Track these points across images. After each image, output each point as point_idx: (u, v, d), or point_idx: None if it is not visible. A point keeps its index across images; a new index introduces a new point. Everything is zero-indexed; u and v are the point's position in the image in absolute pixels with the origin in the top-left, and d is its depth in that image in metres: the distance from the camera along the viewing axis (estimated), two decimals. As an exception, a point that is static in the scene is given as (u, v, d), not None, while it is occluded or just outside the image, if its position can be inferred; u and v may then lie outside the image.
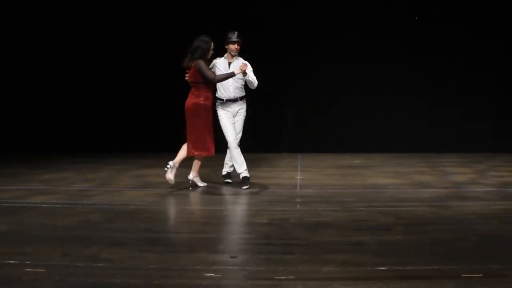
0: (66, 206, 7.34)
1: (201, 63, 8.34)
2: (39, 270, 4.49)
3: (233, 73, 8.45)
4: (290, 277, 4.31)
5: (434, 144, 13.88)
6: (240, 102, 8.90)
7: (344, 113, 14.04)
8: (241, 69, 8.38)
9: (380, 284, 4.11)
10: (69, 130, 14.47)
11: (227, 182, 9.20)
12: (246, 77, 8.59)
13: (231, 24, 13.14)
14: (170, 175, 8.47)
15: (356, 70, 13.90)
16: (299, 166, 11.42)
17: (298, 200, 7.67)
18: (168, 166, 8.49)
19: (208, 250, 5.09)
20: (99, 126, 14.45)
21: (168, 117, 14.23)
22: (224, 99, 8.82)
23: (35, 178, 9.96)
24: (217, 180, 9.38)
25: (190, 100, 8.48)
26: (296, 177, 9.93)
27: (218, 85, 8.76)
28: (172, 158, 8.42)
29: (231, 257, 4.89)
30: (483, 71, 13.85)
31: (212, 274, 4.36)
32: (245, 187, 8.59)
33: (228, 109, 8.83)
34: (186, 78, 8.53)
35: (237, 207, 7.27)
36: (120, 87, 14.43)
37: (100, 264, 4.66)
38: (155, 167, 11.22)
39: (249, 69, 8.63)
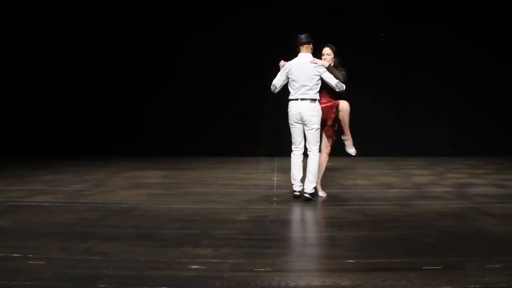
0: (64, 204, 7.29)
1: None
2: (40, 262, 4.46)
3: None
4: (268, 269, 4.30)
5: (399, 148, 13.97)
6: None
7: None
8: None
9: (350, 275, 4.12)
10: (68, 135, 14.40)
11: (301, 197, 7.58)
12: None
13: (231, 26, 13.25)
14: (321, 193, 7.77)
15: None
16: (275, 169, 11.41)
17: (275, 199, 7.66)
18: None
19: (193, 245, 5.07)
20: (95, 131, 14.39)
21: (159, 123, 14.23)
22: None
23: (37, 179, 9.88)
24: (203, 181, 9.35)
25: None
26: (273, 178, 9.92)
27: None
28: (161, 161, 8.38)
29: (215, 251, 4.88)
30: (444, 82, 14.00)
31: (197, 267, 4.35)
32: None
33: None
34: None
35: (220, 206, 7.24)
36: (114, 96, 14.38)
37: (96, 257, 4.63)
38: (146, 169, 11.18)
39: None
